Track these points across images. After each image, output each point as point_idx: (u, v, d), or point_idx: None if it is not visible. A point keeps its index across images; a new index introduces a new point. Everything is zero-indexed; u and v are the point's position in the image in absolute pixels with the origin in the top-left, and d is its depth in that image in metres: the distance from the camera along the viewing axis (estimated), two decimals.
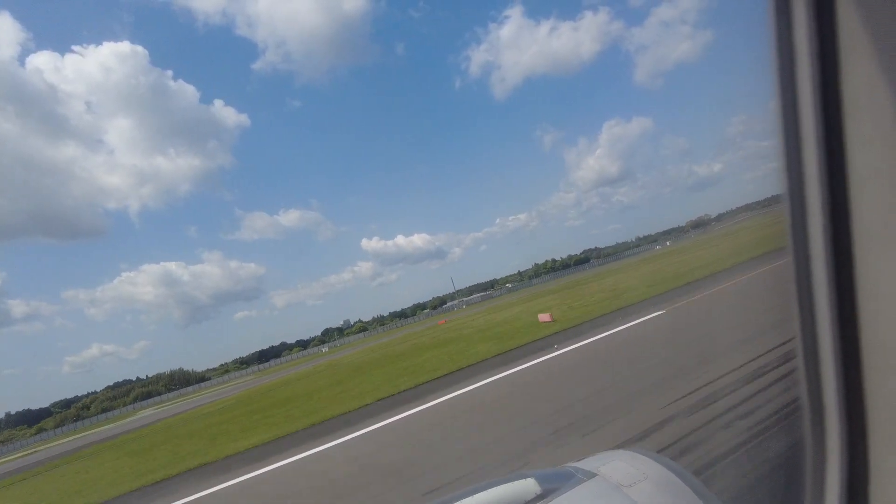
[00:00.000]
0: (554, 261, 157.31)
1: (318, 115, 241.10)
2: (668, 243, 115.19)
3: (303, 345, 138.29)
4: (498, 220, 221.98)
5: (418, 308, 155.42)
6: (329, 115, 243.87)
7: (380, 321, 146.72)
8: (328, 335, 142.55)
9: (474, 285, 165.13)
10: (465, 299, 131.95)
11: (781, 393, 4.48)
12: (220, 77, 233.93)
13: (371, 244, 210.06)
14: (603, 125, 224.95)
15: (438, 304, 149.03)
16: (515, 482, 1.16)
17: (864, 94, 0.68)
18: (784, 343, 5.80)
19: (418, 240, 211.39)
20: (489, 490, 1.14)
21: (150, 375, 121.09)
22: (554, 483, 1.15)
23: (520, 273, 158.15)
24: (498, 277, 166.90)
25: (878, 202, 0.67)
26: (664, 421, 4.55)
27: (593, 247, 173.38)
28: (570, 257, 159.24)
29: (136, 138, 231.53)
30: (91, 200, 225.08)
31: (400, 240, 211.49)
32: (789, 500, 2.41)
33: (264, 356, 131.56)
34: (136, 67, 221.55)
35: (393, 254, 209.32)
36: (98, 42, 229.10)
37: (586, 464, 1.26)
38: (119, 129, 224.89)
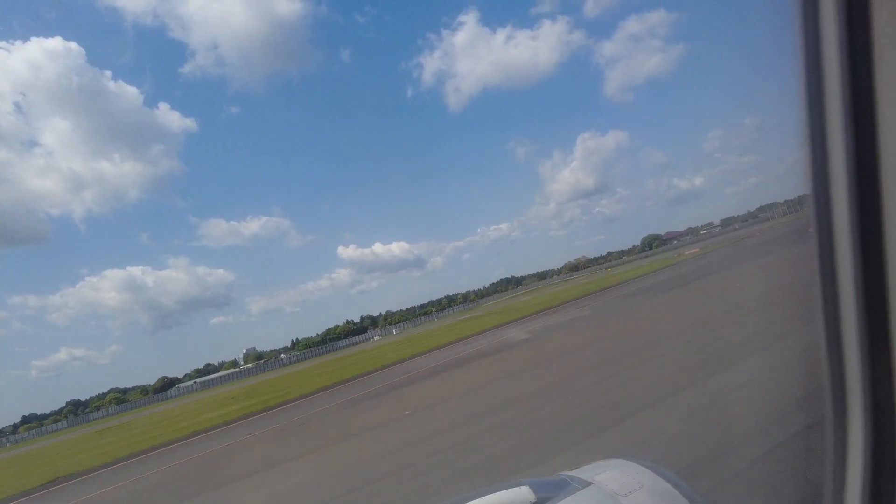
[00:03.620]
0: (323, 333, 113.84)
1: (269, 122, 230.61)
2: (396, 329, 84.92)
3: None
4: (479, 230, 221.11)
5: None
6: (281, 122, 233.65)
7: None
8: None
9: (282, 348, 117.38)
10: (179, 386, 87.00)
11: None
12: (161, 80, 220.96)
13: (348, 252, 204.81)
14: (577, 138, 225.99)
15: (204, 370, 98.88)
16: (510, 490, 1.16)
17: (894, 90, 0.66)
18: None
19: (396, 248, 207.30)
20: (484, 497, 1.15)
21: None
22: (549, 491, 1.16)
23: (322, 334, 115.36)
24: (277, 347, 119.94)
25: None
26: None
27: (511, 275, 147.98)
28: (349, 323, 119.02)
29: (74, 141, 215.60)
30: (28, 206, 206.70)
31: (378, 248, 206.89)
32: (809, 495, 2.44)
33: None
34: (69, 66, 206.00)
35: (371, 262, 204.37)
36: (25, 38, 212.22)
37: (581, 473, 1.27)
38: (56, 131, 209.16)
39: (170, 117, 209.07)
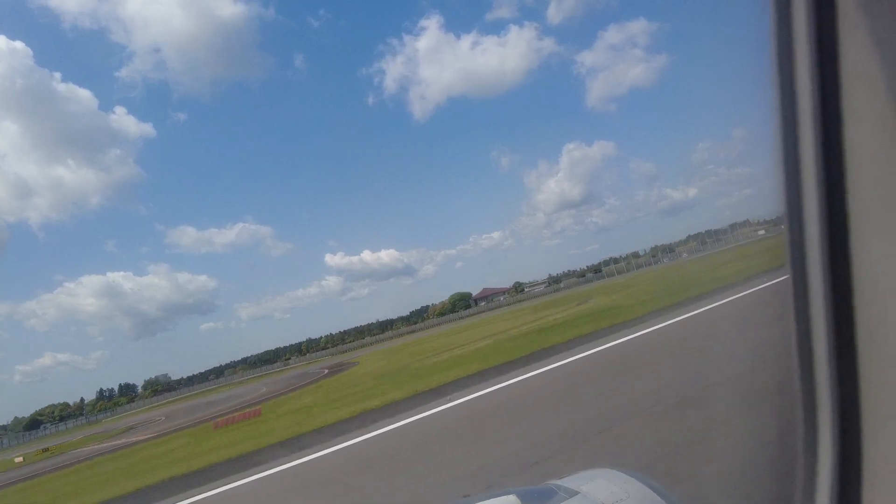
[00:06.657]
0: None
1: (230, 129, 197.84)
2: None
3: None
4: (471, 238, 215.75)
5: None
6: (243, 129, 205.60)
7: None
8: None
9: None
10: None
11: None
12: (114, 83, 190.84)
13: (335, 259, 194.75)
14: (562, 148, 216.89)
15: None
16: (497, 499, 1.15)
17: (864, 103, 0.69)
18: None
19: (386, 256, 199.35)
20: None
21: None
22: (536, 501, 1.16)
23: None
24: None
25: (876, 203, 0.70)
26: None
27: (426, 304, 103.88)
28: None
29: (25, 146, 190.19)
30: None
31: (366, 255, 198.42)
32: (780, 497, 2.47)
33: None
34: (15, 66, 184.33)
35: (359, 270, 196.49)
36: None
37: (569, 482, 1.26)
38: (5, 135, 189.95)
39: (125, 122, 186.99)
